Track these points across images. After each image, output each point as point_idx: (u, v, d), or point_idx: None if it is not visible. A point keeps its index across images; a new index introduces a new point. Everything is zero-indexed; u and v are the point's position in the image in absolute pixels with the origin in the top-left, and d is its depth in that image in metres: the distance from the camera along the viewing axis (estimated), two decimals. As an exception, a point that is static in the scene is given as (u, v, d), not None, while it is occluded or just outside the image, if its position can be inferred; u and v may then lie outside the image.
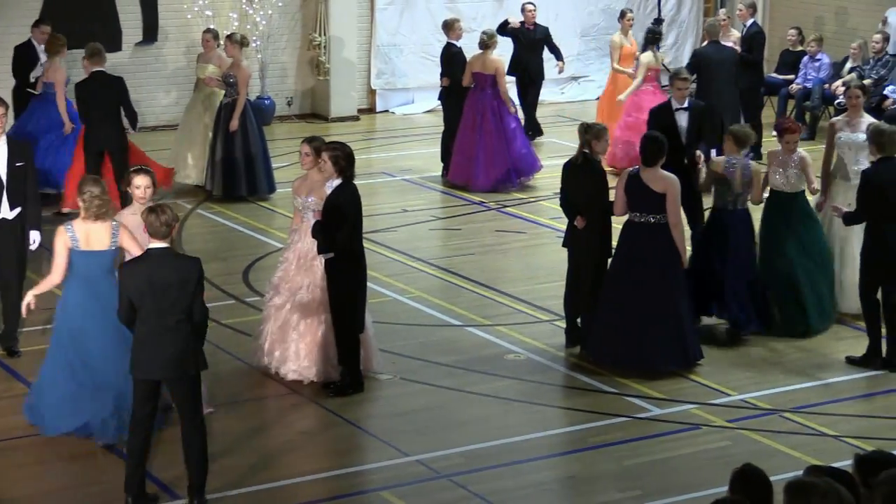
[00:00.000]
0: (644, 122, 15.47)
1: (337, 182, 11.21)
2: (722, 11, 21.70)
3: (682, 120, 14.35)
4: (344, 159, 11.19)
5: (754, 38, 20.37)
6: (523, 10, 20.15)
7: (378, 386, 11.78)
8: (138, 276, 9.16)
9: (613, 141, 17.67)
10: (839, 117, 14.11)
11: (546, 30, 20.23)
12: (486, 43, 18.10)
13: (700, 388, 11.78)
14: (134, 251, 10.17)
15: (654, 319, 11.87)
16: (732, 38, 19.99)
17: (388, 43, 22.73)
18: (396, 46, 22.78)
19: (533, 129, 19.98)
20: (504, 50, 19.41)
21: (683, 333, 11.99)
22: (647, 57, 18.94)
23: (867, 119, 13.54)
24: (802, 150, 13.07)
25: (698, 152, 14.21)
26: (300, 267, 11.72)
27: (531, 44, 19.91)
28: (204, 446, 9.40)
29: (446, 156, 18.48)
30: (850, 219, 12.20)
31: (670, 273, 11.94)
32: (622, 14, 20.10)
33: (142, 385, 9.30)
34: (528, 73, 19.88)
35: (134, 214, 10.51)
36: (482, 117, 17.94)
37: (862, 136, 13.06)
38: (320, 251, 11.30)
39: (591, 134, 12.27)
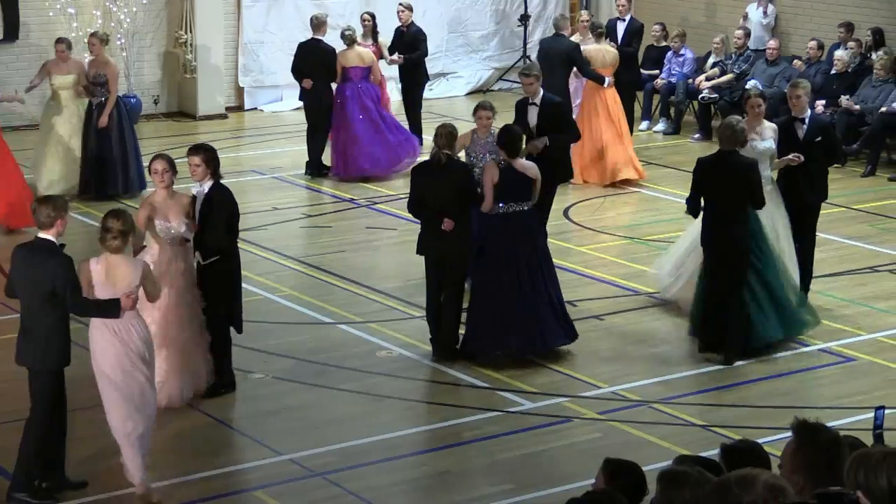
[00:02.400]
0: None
1: (209, 184, 11.16)
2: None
3: (533, 114, 14.21)
4: (214, 160, 11.17)
5: (638, 33, 20.57)
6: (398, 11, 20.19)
7: (250, 385, 11.73)
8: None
9: None
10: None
11: (418, 30, 20.22)
12: (353, 38, 18.44)
13: (571, 381, 11.90)
14: None
15: (542, 301, 12.15)
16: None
17: (255, 40, 22.62)
18: (264, 44, 22.67)
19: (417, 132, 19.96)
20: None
21: (565, 309, 12.41)
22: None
23: (768, 125, 13.31)
24: None
25: (538, 143, 13.95)
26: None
27: (406, 46, 19.89)
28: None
29: (315, 153, 18.51)
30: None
31: (545, 254, 12.33)
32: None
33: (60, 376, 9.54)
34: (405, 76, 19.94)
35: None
36: (367, 108, 18.39)
37: (769, 144, 13.07)
38: (205, 257, 11.19)
39: (452, 136, 12.32)
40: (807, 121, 13.24)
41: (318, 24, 18.78)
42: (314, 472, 10.16)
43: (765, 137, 13.12)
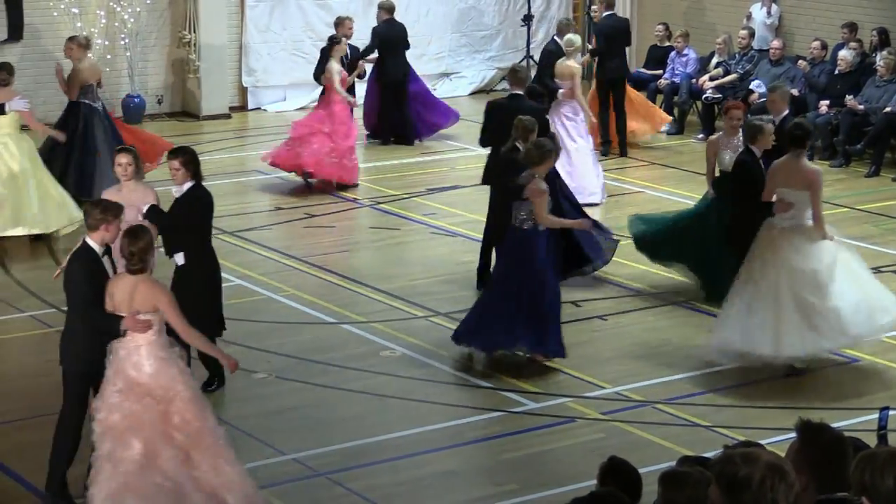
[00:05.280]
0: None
1: (189, 184, 11.07)
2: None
3: None
4: (193, 161, 11.09)
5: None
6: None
7: (253, 385, 11.72)
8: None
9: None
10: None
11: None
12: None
13: (574, 381, 11.89)
14: None
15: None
16: None
17: (258, 40, 22.62)
18: (267, 44, 22.68)
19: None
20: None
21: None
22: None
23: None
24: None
25: None
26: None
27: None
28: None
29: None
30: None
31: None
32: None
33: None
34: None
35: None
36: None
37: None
38: (172, 252, 11.17)
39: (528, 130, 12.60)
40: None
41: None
42: (317, 471, 10.16)
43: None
